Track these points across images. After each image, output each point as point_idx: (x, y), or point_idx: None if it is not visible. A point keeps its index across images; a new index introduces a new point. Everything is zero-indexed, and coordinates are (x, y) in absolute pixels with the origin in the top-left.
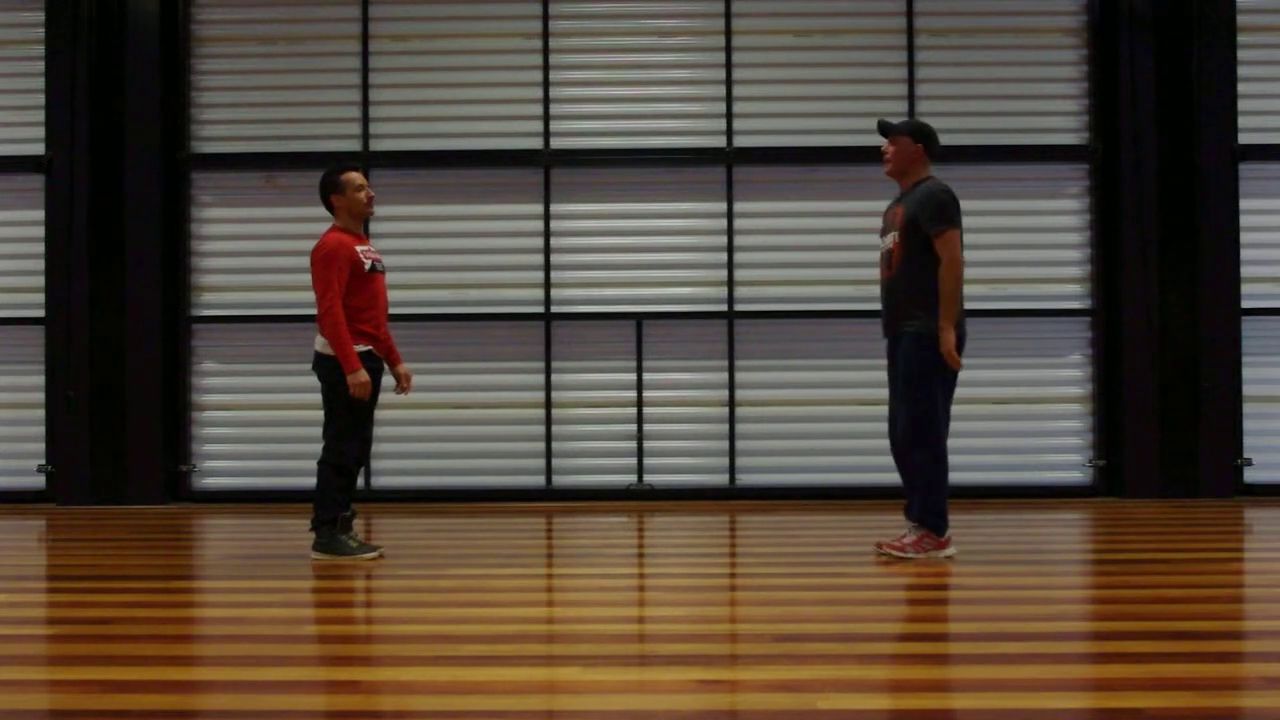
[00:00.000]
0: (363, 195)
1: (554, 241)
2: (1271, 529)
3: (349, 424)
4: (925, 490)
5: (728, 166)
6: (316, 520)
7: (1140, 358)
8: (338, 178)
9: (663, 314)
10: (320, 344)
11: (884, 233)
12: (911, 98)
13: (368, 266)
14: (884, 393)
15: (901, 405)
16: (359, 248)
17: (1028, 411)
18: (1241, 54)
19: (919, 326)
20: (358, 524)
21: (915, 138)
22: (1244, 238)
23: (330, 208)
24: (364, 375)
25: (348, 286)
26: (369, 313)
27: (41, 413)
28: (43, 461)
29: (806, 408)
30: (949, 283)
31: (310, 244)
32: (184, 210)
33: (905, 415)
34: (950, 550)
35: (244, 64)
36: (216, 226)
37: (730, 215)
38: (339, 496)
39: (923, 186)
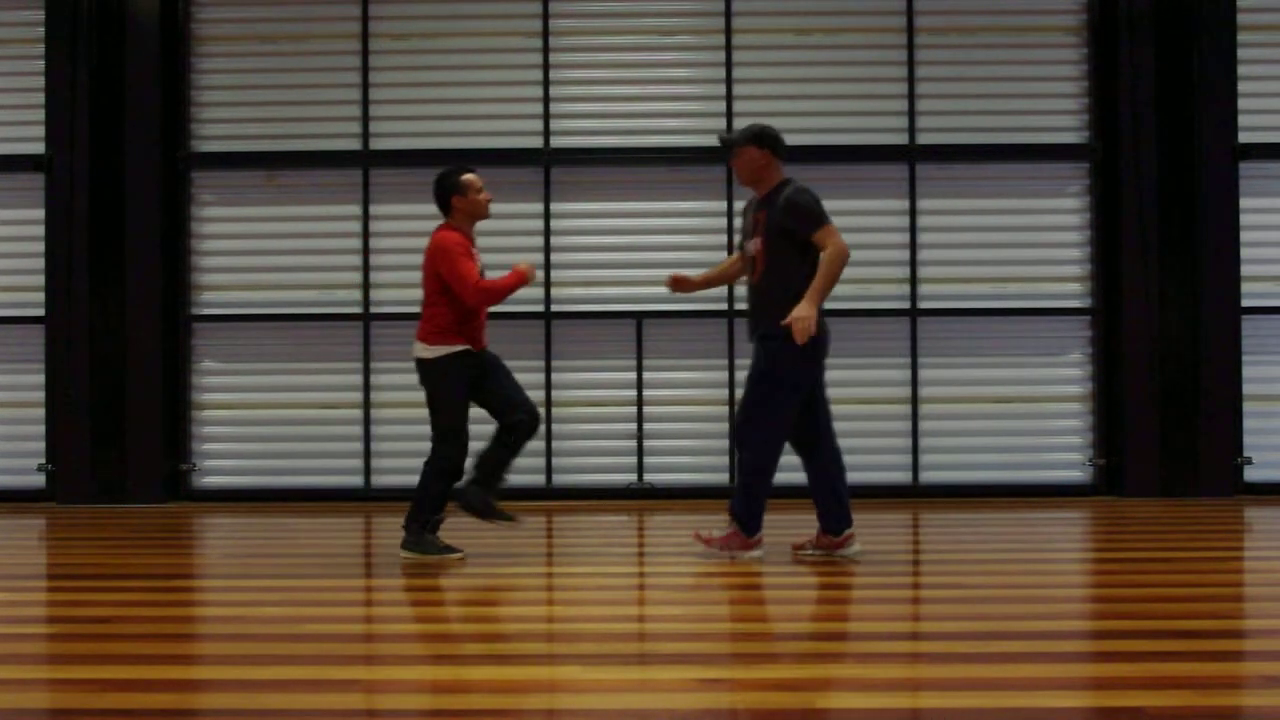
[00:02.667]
0: (483, 197)
1: (554, 240)
2: (1271, 528)
3: (449, 428)
4: (742, 489)
5: (728, 166)
6: (410, 519)
7: (1140, 357)
8: (459, 179)
9: (663, 313)
10: (420, 349)
11: (747, 236)
12: (911, 97)
13: (480, 269)
14: (884, 391)
15: (745, 400)
16: (473, 249)
17: (1028, 411)
18: (1242, 53)
19: (785, 332)
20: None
21: (759, 145)
22: (1244, 237)
23: (447, 209)
24: (527, 265)
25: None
26: (474, 320)
27: (41, 412)
28: (43, 461)
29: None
30: (834, 264)
31: (310, 243)
32: (184, 210)
33: (742, 412)
34: (757, 552)
35: (244, 63)
36: (216, 226)
37: (730, 214)
38: (436, 501)
39: (784, 193)
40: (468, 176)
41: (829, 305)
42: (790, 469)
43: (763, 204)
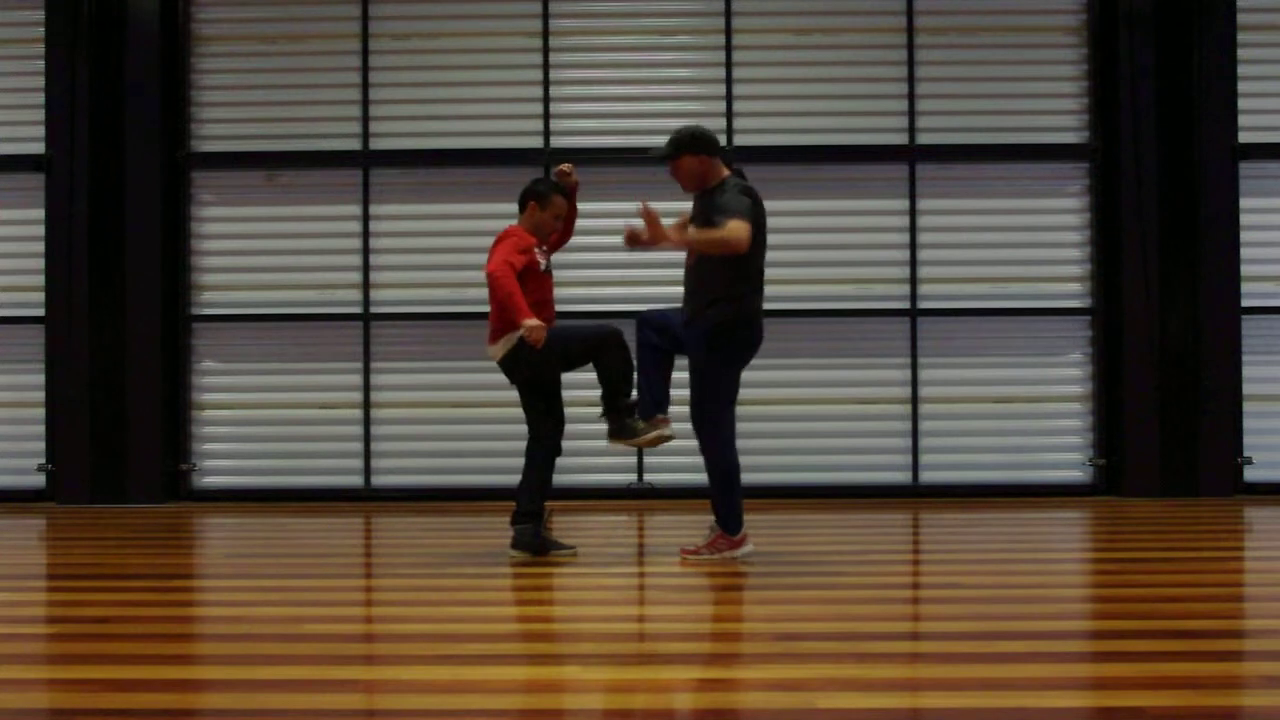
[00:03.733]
0: (557, 222)
1: None
2: (1271, 528)
3: (542, 408)
4: (716, 490)
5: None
6: (519, 512)
7: (1140, 357)
8: (550, 195)
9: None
10: (495, 350)
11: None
12: (911, 97)
13: (542, 266)
14: (884, 391)
15: (691, 399)
16: (537, 248)
17: (1028, 411)
18: (1241, 53)
19: (710, 318)
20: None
21: (694, 151)
22: (1244, 237)
23: (523, 208)
24: (535, 321)
25: (523, 278)
26: (541, 309)
27: (41, 412)
28: (43, 461)
29: (806, 407)
30: (717, 235)
31: (310, 243)
32: (184, 210)
33: (693, 413)
34: (748, 547)
35: (244, 63)
36: (216, 226)
37: None
38: (544, 491)
39: (726, 184)
40: (558, 197)
41: (827, 305)
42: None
43: (702, 196)
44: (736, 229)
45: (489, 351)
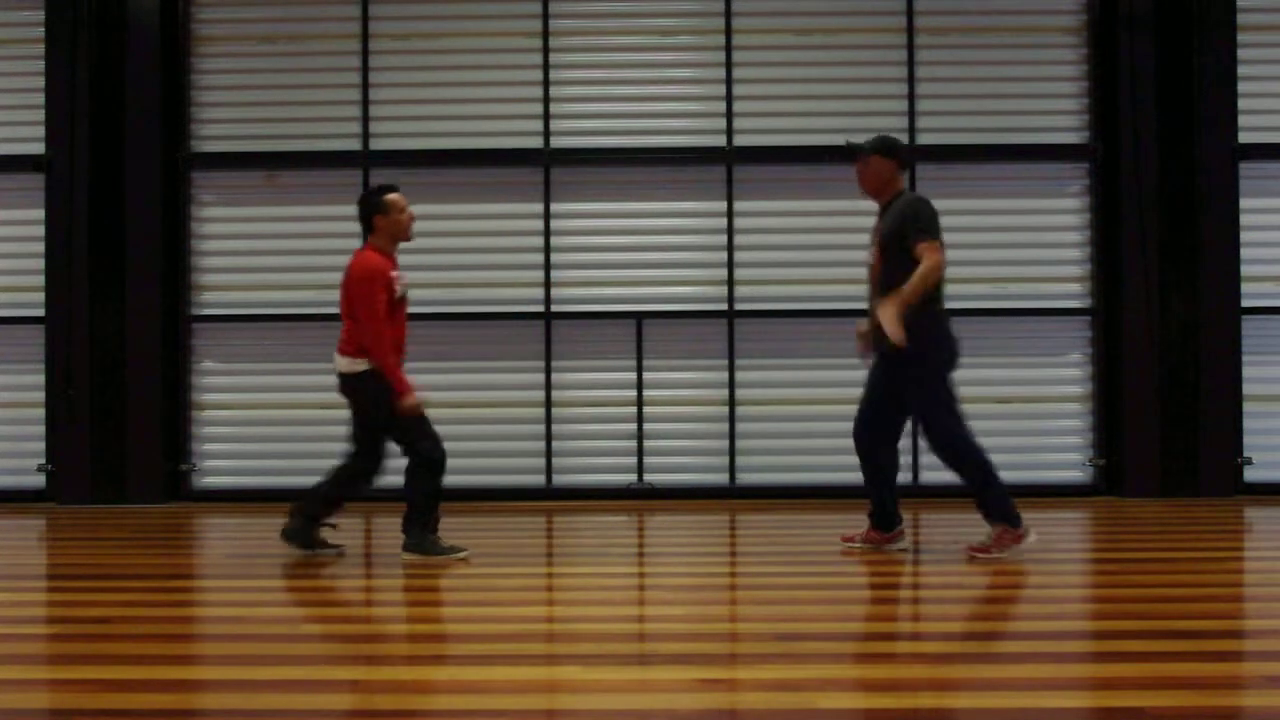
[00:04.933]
0: (405, 217)
1: (554, 241)
2: (1271, 528)
3: (414, 425)
4: (979, 488)
5: (728, 166)
6: (407, 521)
7: (1140, 357)
8: (383, 199)
9: (663, 313)
10: (345, 364)
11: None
12: (911, 97)
13: (398, 294)
14: None
15: (917, 420)
16: (393, 272)
17: (1028, 411)
18: (1241, 54)
19: (918, 342)
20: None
21: (885, 154)
22: (1244, 237)
23: (370, 227)
24: (414, 398)
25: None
26: (396, 343)
27: (41, 412)
28: (43, 461)
29: (806, 407)
30: (929, 275)
31: (310, 243)
32: (184, 210)
33: (926, 435)
34: (1031, 538)
35: (244, 63)
36: (216, 226)
37: (730, 215)
38: (430, 499)
39: (901, 200)
40: (392, 196)
41: (827, 304)
42: (828, 469)
43: (881, 214)
44: (930, 258)
45: (337, 361)
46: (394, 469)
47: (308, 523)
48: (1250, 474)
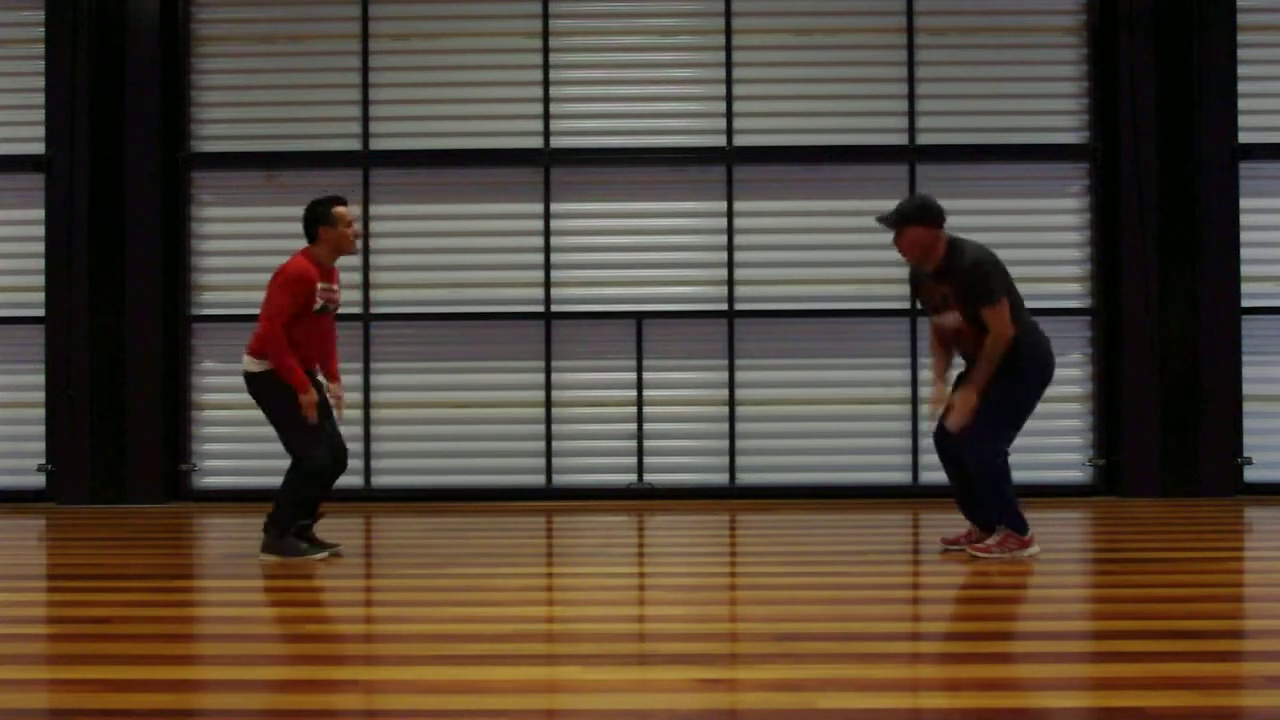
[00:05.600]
0: (351, 232)
1: (554, 241)
2: (1271, 528)
3: (308, 430)
4: (983, 495)
5: (728, 166)
6: (270, 521)
7: (1140, 357)
8: (330, 210)
9: (663, 313)
10: (249, 363)
11: (934, 309)
12: (911, 97)
13: (318, 306)
14: (884, 391)
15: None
16: (321, 285)
17: None
18: (1241, 53)
19: (1008, 368)
20: (327, 523)
21: (925, 223)
22: (1244, 237)
23: (313, 237)
24: (314, 394)
25: (294, 318)
26: (305, 349)
27: (41, 412)
28: (43, 461)
29: (806, 407)
30: (995, 348)
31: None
32: (184, 210)
33: (973, 437)
34: (1035, 548)
35: (244, 63)
36: (216, 226)
37: (730, 215)
38: (302, 507)
39: (960, 262)
40: (339, 209)
41: (827, 304)
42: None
43: (941, 276)
44: (996, 327)
45: (245, 360)
46: (409, 469)
47: (288, 534)
48: (1250, 474)
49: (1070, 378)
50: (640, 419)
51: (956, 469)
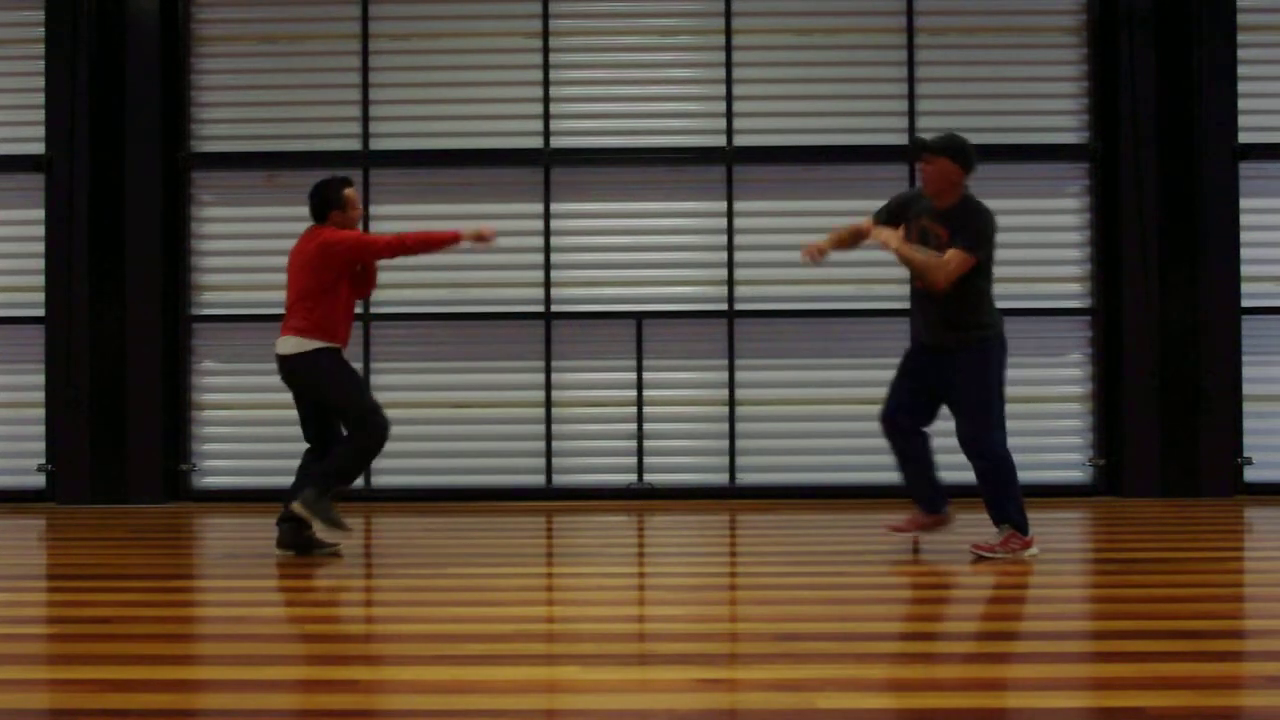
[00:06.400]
0: (357, 214)
1: (554, 241)
2: (1271, 528)
3: (363, 408)
4: (997, 490)
5: (728, 166)
6: (320, 475)
7: (1140, 358)
8: (341, 193)
9: (663, 313)
10: (291, 344)
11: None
12: (911, 97)
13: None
14: (883, 391)
15: (960, 416)
16: None
17: (1028, 411)
18: (1241, 54)
19: (977, 336)
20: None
21: (955, 159)
22: (1244, 237)
23: (323, 219)
24: (482, 226)
25: (334, 286)
26: (340, 321)
27: (41, 412)
28: (43, 461)
29: (806, 407)
30: (939, 266)
31: None
32: (184, 210)
33: (965, 426)
34: (1035, 549)
35: (244, 63)
36: (216, 226)
37: (730, 215)
38: (356, 468)
39: (964, 207)
40: (349, 191)
41: (827, 304)
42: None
43: (940, 217)
44: (957, 262)
45: (281, 344)
46: (409, 469)
47: (327, 497)
48: (1250, 474)
49: (1070, 378)
50: (640, 419)
51: (908, 452)
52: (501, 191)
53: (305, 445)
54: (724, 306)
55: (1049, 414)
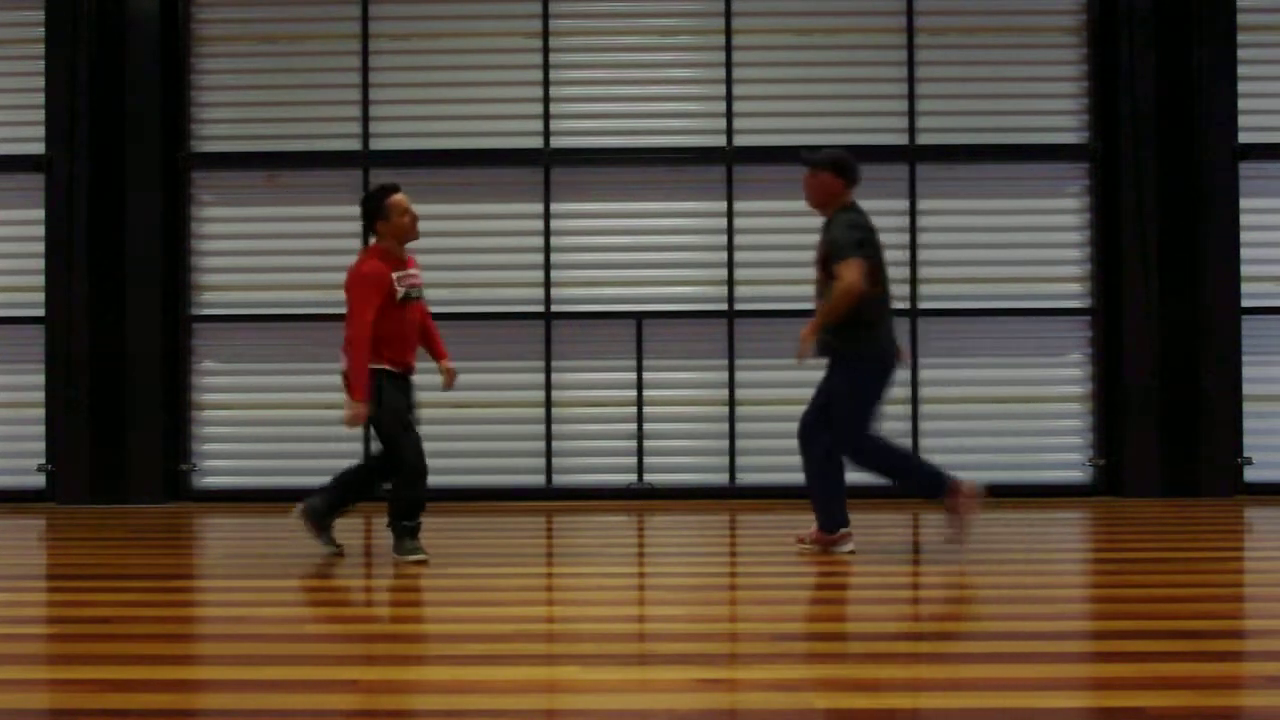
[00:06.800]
0: (407, 219)
1: (554, 241)
2: (1271, 528)
3: (403, 428)
4: (902, 477)
5: (728, 166)
6: (390, 524)
7: (1140, 357)
8: (383, 203)
9: (663, 313)
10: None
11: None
12: (911, 97)
13: (400, 295)
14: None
15: (834, 420)
16: (396, 274)
17: (1028, 411)
18: (1241, 54)
19: (847, 351)
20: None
21: (837, 172)
22: (1244, 237)
23: (373, 232)
24: (362, 408)
25: (379, 313)
26: (397, 343)
27: (41, 412)
28: (43, 461)
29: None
30: (840, 299)
31: (310, 243)
32: (184, 210)
33: (835, 431)
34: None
35: (244, 63)
36: (216, 226)
37: (730, 215)
38: (412, 507)
39: (834, 218)
40: (394, 199)
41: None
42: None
43: (823, 228)
44: (847, 278)
45: (342, 359)
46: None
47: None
48: (1250, 474)
49: (1070, 378)
50: (640, 419)
51: (808, 462)
52: (501, 191)
53: (305, 445)
54: (724, 306)
55: (1049, 414)
